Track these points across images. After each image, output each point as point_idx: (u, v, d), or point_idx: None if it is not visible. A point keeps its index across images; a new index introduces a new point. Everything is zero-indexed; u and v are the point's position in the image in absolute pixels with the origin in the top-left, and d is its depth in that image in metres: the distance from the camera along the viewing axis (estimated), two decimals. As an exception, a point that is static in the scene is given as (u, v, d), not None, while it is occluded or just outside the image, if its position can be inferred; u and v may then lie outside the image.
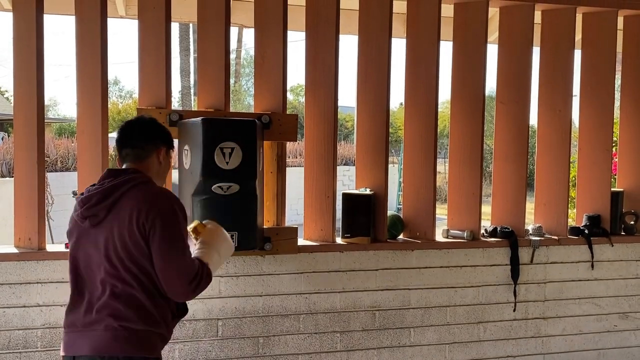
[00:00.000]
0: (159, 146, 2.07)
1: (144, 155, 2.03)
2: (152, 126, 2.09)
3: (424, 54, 3.29)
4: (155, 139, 2.06)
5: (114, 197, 1.91)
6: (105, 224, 1.91)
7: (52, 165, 9.26)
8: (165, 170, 2.11)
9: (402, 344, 3.26)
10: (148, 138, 2.05)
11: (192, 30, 18.02)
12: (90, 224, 1.93)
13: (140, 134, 2.05)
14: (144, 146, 2.03)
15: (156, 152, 2.06)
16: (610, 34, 3.52)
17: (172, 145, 2.16)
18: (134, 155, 2.02)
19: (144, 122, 2.10)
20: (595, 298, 3.54)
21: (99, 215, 1.92)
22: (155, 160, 2.06)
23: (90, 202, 1.92)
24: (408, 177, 3.38)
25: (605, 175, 3.58)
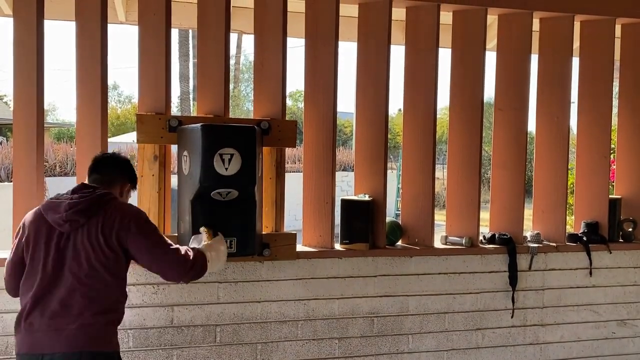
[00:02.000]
0: (125, 181, 2.39)
1: (111, 183, 2.32)
2: (125, 163, 2.43)
3: (423, 60, 3.31)
4: (124, 174, 2.39)
5: (97, 206, 2.14)
6: (83, 229, 2.11)
7: (51, 170, 9.26)
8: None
9: (400, 351, 3.26)
10: (119, 171, 2.37)
11: (191, 36, 18.08)
12: (70, 228, 2.11)
13: (114, 166, 2.37)
14: (112, 176, 2.34)
15: (121, 185, 2.36)
16: (608, 41, 3.54)
17: (135, 185, 2.50)
18: (101, 180, 2.29)
19: (118, 158, 2.44)
20: (594, 305, 3.54)
21: (80, 220, 2.11)
22: (117, 191, 2.34)
23: (77, 208, 2.11)
24: (407, 184, 3.39)
25: (603, 182, 3.59)
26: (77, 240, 2.11)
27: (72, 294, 2.09)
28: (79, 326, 2.07)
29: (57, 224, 2.12)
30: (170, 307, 2.92)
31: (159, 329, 2.91)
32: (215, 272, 2.69)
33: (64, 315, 2.08)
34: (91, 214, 2.12)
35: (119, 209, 2.18)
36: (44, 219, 2.15)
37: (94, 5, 2.86)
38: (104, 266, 2.12)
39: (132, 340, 2.88)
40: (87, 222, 2.11)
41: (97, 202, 2.15)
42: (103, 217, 2.13)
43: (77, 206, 2.11)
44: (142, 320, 2.89)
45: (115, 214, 2.15)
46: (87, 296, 2.09)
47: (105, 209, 2.15)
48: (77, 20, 2.87)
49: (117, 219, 2.14)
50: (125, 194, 2.40)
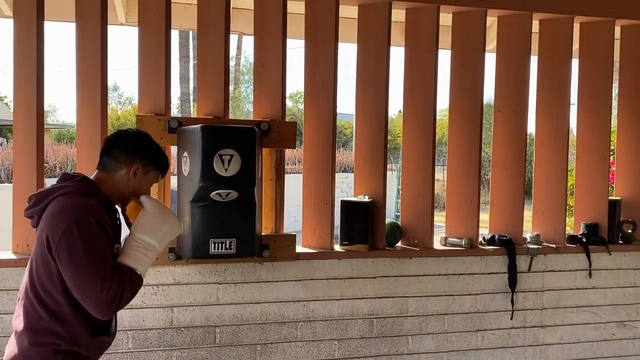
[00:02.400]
0: (134, 161, 1.95)
1: (115, 167, 1.95)
2: (137, 140, 2.00)
3: (423, 62, 3.31)
4: (133, 153, 1.95)
5: (44, 203, 1.84)
6: (38, 230, 1.86)
7: (51, 171, 9.26)
8: (133, 189, 1.98)
9: (400, 352, 3.26)
10: (126, 150, 1.96)
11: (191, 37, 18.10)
12: (33, 225, 1.90)
13: (122, 145, 1.97)
14: (118, 157, 1.94)
15: (128, 167, 1.95)
16: (607, 43, 3.55)
17: (158, 166, 2.02)
18: (105, 164, 1.96)
19: (131, 134, 2.02)
20: (593, 307, 3.54)
21: (35, 217, 1.88)
22: (124, 176, 1.95)
23: (29, 203, 1.89)
24: (406, 185, 3.39)
25: (603, 183, 3.60)
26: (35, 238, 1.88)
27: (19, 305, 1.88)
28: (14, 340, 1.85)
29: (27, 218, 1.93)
30: (170, 308, 2.92)
31: (158, 330, 2.91)
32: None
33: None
34: (40, 212, 1.84)
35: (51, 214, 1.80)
36: None
37: (94, 7, 2.86)
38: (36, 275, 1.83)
39: (131, 341, 2.88)
40: (39, 221, 1.85)
41: (44, 198, 1.84)
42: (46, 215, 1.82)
43: (29, 202, 1.88)
44: (141, 321, 2.89)
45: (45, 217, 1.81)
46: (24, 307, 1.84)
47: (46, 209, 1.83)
48: (77, 22, 2.88)
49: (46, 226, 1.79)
50: (133, 179, 1.95)
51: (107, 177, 1.95)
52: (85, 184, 1.90)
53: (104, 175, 1.95)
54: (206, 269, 2.96)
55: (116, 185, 1.96)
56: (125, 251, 1.90)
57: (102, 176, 1.96)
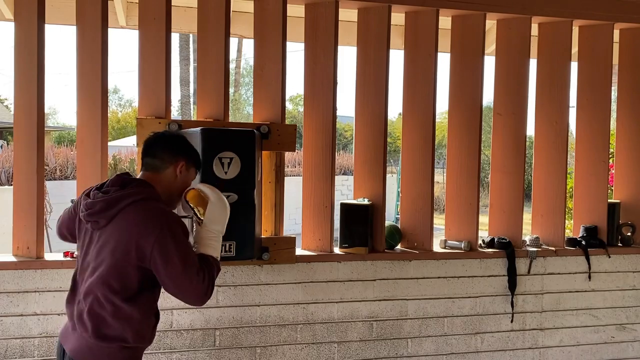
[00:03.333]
0: (179, 159, 2.06)
1: (161, 166, 2.05)
2: (176, 139, 2.13)
3: (422, 65, 3.32)
4: (176, 152, 2.07)
5: (116, 209, 1.91)
6: (105, 233, 1.93)
7: (51, 173, 9.26)
8: (180, 186, 2.09)
9: (399, 355, 3.26)
10: (169, 148, 2.07)
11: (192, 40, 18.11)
12: (92, 228, 1.97)
13: (164, 144, 2.07)
14: (163, 156, 2.05)
15: (174, 165, 2.06)
16: (606, 46, 3.56)
17: (196, 162, 2.15)
18: (151, 164, 2.05)
19: (170, 135, 2.16)
20: (593, 309, 3.54)
21: (99, 222, 1.94)
22: (171, 173, 2.06)
23: (94, 209, 1.93)
24: (406, 188, 3.39)
25: (602, 186, 3.60)
26: (97, 242, 1.94)
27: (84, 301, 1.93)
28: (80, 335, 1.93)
29: (85, 222, 1.98)
30: (170, 311, 2.93)
31: (158, 332, 2.90)
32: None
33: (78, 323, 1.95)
34: (110, 217, 1.91)
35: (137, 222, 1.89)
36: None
37: (94, 10, 2.87)
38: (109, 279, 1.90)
39: (131, 343, 2.88)
40: (106, 225, 1.92)
41: (114, 204, 1.91)
42: (120, 222, 1.90)
43: (94, 207, 1.93)
44: (141, 324, 2.89)
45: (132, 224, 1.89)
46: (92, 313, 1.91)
47: (123, 213, 1.90)
48: (78, 25, 2.89)
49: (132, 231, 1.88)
50: (180, 175, 2.07)
51: (156, 178, 2.04)
52: (149, 188, 1.99)
53: (152, 176, 2.05)
54: (206, 272, 2.96)
55: (165, 184, 2.06)
56: (204, 242, 2.07)
57: (151, 177, 2.04)
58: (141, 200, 1.93)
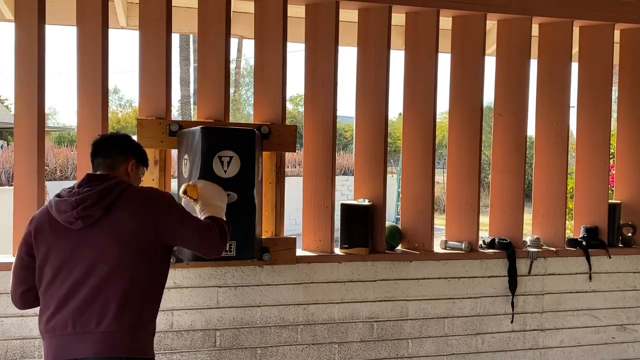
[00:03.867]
0: (129, 158, 2.17)
1: (115, 165, 2.13)
2: (123, 140, 2.21)
3: (422, 65, 3.32)
4: (125, 151, 2.17)
5: (111, 197, 1.96)
6: (101, 225, 1.95)
7: (52, 174, 9.26)
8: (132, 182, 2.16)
9: (400, 356, 3.26)
10: (119, 149, 2.16)
11: (192, 40, 18.11)
12: (83, 225, 1.94)
13: (113, 146, 2.16)
14: (115, 157, 2.13)
15: (125, 164, 2.15)
16: (607, 47, 3.55)
17: (143, 160, 2.25)
18: (105, 164, 2.12)
19: (116, 136, 2.23)
20: (593, 310, 3.54)
21: (93, 216, 1.94)
22: (124, 172, 2.14)
23: (86, 203, 1.94)
24: (406, 188, 3.39)
25: (603, 187, 3.60)
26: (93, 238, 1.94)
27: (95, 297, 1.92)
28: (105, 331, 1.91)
29: (69, 222, 1.95)
30: (170, 312, 2.92)
31: (158, 333, 2.91)
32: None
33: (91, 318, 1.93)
34: (106, 207, 1.94)
35: (143, 200, 2.00)
36: (54, 219, 1.98)
37: (95, 11, 2.87)
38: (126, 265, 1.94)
39: (131, 344, 2.88)
40: (103, 215, 1.94)
41: (108, 193, 1.95)
42: (121, 209, 1.95)
43: (86, 201, 1.93)
44: (141, 325, 2.89)
45: (140, 204, 1.98)
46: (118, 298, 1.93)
47: (120, 200, 1.96)
48: (78, 25, 2.89)
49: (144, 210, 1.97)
50: (132, 173, 2.17)
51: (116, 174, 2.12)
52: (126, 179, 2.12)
53: (114, 173, 2.11)
54: (206, 272, 2.96)
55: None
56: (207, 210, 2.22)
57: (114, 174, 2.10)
58: (128, 186, 2.03)
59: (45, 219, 2.01)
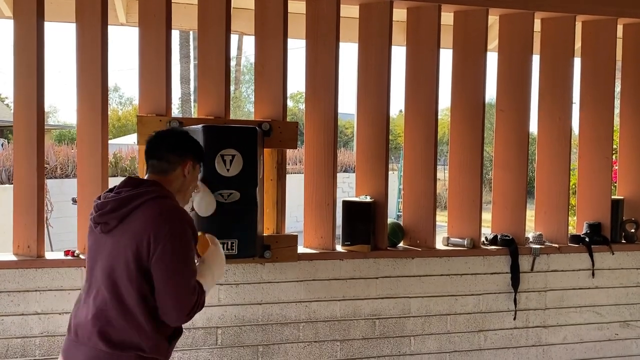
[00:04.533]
0: (186, 159, 1.99)
1: (169, 168, 1.97)
2: (181, 138, 2.04)
3: (424, 61, 3.30)
4: (182, 152, 1.99)
5: (128, 208, 1.85)
6: (115, 234, 1.86)
7: (52, 172, 9.24)
8: (189, 185, 2.04)
9: (402, 353, 3.24)
10: (175, 150, 1.98)
11: (192, 38, 18.08)
12: (101, 231, 1.88)
13: (168, 146, 1.99)
14: (169, 159, 1.97)
15: (182, 165, 1.98)
16: (609, 42, 3.53)
17: (200, 159, 2.08)
18: (158, 167, 1.97)
19: (173, 134, 2.07)
20: (596, 306, 3.52)
21: (110, 223, 1.86)
22: (180, 174, 1.99)
23: (104, 209, 1.87)
24: (408, 185, 3.38)
25: (606, 182, 3.58)
26: (107, 245, 1.86)
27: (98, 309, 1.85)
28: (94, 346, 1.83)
29: (93, 226, 1.90)
30: (171, 310, 2.91)
31: (160, 331, 2.90)
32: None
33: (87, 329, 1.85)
34: (122, 217, 1.84)
35: (149, 217, 1.83)
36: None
37: (94, 7, 2.85)
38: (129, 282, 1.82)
39: (133, 342, 2.87)
40: (117, 226, 1.85)
41: (127, 203, 1.85)
42: (132, 222, 1.83)
43: (104, 207, 1.86)
44: (143, 323, 2.88)
45: (144, 220, 1.82)
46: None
47: (136, 212, 1.84)
48: (78, 22, 2.87)
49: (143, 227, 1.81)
50: (188, 175, 2.00)
51: (164, 180, 1.96)
52: (160, 186, 1.92)
53: (163, 179, 1.96)
54: (208, 270, 2.95)
55: (174, 185, 1.99)
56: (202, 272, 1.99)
57: (163, 179, 1.96)
58: (154, 198, 1.87)
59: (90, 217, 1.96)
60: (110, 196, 1.90)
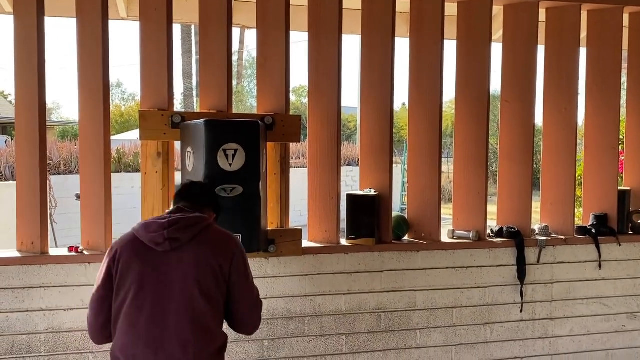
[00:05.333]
0: (211, 211, 2.16)
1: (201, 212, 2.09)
2: (212, 193, 2.31)
3: (428, 53, 3.27)
4: (211, 204, 2.19)
5: (197, 228, 1.96)
6: (187, 250, 1.92)
7: (55, 168, 9.25)
8: None
9: (408, 346, 3.23)
10: (207, 200, 2.17)
11: (194, 32, 18.05)
12: (170, 247, 1.91)
13: (202, 195, 2.18)
14: (202, 204, 2.12)
15: (208, 214, 2.12)
16: (615, 31, 3.49)
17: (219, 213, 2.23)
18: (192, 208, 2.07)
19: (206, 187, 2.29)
20: (603, 298, 3.50)
21: (181, 239, 1.92)
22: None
23: (178, 225, 1.93)
24: (413, 178, 3.35)
25: (612, 173, 3.55)
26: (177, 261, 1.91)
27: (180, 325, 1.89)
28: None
29: (156, 243, 1.91)
30: (176, 305, 2.90)
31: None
32: None
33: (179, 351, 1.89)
34: (194, 234, 1.94)
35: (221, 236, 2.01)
36: (138, 242, 1.94)
37: (94, 2, 2.83)
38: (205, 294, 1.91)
39: (138, 338, 2.86)
40: (188, 242, 1.92)
41: (197, 223, 1.96)
42: (204, 242, 1.94)
43: (178, 223, 1.92)
44: (148, 318, 2.87)
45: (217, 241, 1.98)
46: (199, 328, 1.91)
47: (206, 232, 1.97)
48: (78, 17, 2.85)
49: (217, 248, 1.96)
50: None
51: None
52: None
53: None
54: (212, 265, 2.94)
55: None
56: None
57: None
58: (214, 223, 2.06)
59: (127, 243, 1.96)
60: (177, 216, 1.97)
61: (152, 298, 1.89)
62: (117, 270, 1.93)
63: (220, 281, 1.94)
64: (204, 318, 1.90)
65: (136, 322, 1.88)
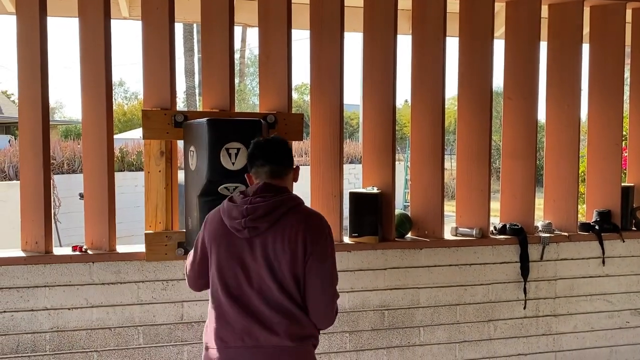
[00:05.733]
0: (294, 164, 2.09)
1: (284, 173, 2.03)
2: (289, 146, 2.12)
3: (430, 50, 3.26)
4: (291, 159, 2.08)
5: (278, 213, 1.92)
6: (265, 237, 1.92)
7: (59, 167, 9.27)
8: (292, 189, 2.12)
9: (411, 344, 3.24)
10: (288, 156, 2.07)
11: (196, 31, 18.06)
12: (249, 235, 1.92)
13: (283, 152, 2.05)
14: (285, 163, 2.03)
15: (294, 170, 2.07)
16: (618, 27, 3.48)
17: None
18: (277, 172, 2.00)
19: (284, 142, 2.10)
20: (607, 294, 3.50)
21: (260, 228, 1.91)
22: (291, 179, 2.07)
23: (256, 214, 1.91)
24: (415, 175, 3.35)
25: (615, 170, 3.54)
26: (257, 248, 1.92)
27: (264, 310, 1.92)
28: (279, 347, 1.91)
29: (236, 230, 1.92)
30: (180, 303, 2.91)
31: (169, 325, 2.91)
32: None
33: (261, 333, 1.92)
34: (273, 221, 1.91)
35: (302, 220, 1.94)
36: (223, 223, 1.96)
37: (96, 1, 2.83)
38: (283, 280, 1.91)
39: (142, 337, 2.88)
40: (267, 229, 1.91)
41: (276, 208, 1.92)
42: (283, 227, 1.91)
43: (256, 212, 1.90)
44: (152, 317, 2.88)
45: (296, 225, 1.91)
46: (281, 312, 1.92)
47: (286, 217, 1.92)
48: (80, 17, 2.85)
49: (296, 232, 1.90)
50: (295, 181, 2.12)
51: (281, 183, 2.02)
52: (298, 197, 2.02)
53: (281, 182, 2.02)
54: (215, 264, 2.94)
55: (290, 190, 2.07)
56: None
57: (280, 183, 2.02)
58: (299, 204, 1.98)
59: (217, 223, 2.00)
60: (257, 201, 1.93)
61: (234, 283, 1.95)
62: (210, 248, 2.00)
63: (299, 266, 1.91)
64: (286, 303, 1.91)
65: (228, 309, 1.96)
